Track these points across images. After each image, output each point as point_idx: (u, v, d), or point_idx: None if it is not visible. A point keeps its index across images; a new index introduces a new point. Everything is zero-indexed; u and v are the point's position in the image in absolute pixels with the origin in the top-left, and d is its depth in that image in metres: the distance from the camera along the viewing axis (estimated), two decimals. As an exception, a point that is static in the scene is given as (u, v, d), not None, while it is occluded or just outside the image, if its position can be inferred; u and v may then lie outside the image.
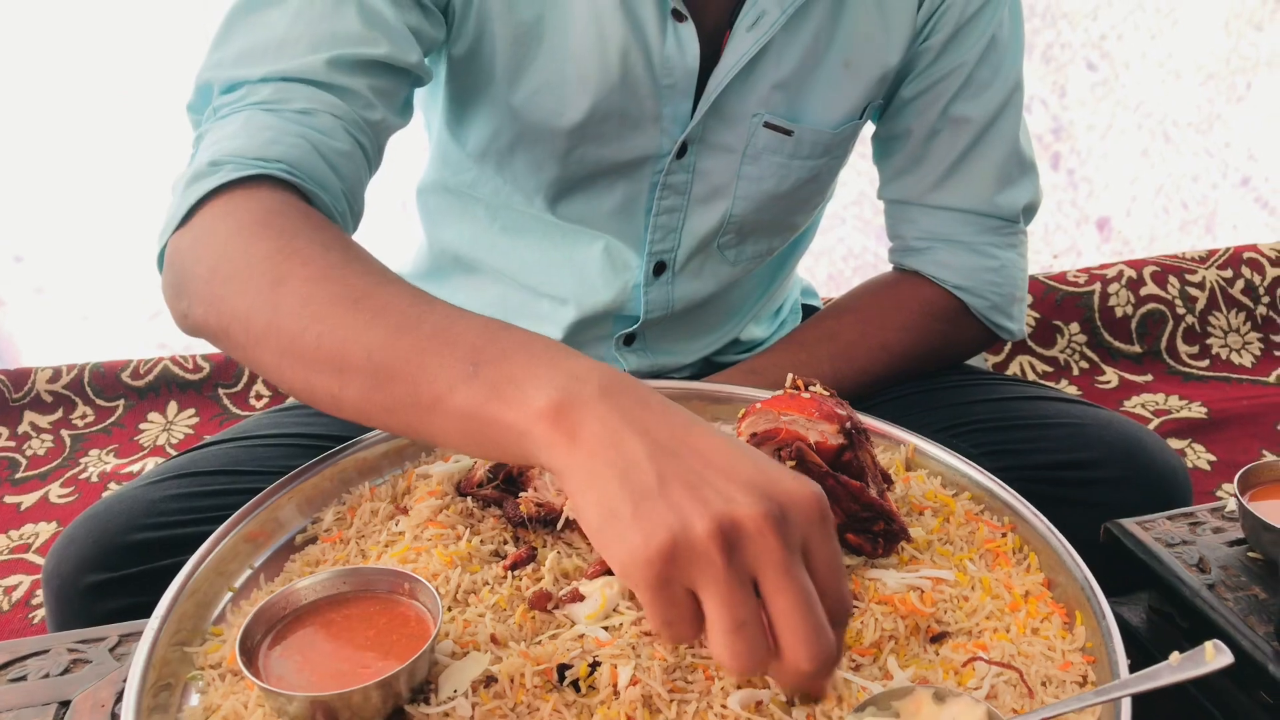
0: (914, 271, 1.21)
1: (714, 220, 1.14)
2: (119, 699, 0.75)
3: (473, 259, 1.22)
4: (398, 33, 0.92)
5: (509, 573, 0.82)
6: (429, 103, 1.16)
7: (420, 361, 0.67)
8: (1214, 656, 0.67)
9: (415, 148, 1.31)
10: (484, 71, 1.05)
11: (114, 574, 0.94)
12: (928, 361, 1.21)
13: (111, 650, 0.83)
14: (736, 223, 1.15)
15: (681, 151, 1.09)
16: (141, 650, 0.74)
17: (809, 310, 1.43)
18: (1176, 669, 0.67)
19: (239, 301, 0.76)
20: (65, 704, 0.78)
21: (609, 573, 0.81)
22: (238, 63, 0.88)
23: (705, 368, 1.29)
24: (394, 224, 1.30)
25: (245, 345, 0.77)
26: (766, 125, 1.09)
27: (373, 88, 0.90)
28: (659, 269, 1.17)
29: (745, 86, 1.07)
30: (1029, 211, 1.22)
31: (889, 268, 1.27)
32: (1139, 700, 0.67)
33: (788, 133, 1.10)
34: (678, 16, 1.02)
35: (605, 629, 0.76)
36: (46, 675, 0.81)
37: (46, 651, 0.83)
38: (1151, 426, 2.01)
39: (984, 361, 2.19)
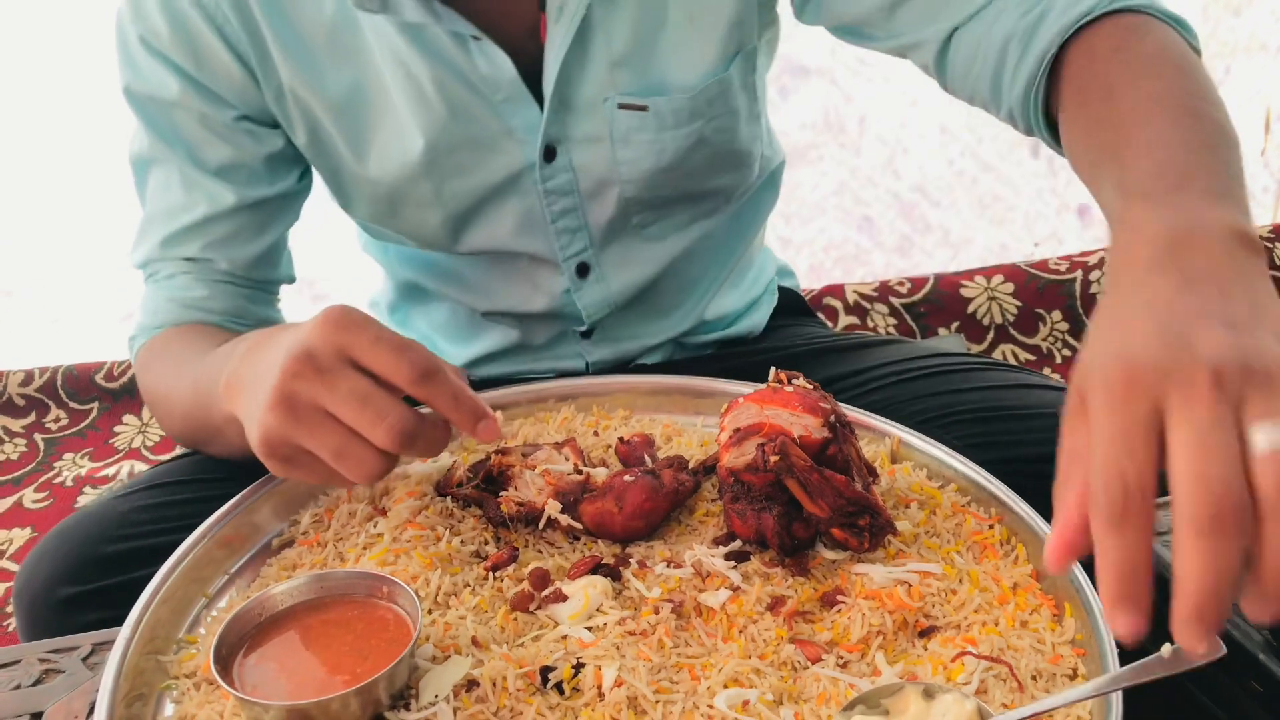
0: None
1: (612, 208, 1.12)
2: (93, 710, 0.73)
3: (422, 285, 1.26)
4: (212, 186, 1.06)
5: (490, 574, 0.81)
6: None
7: (200, 405, 0.93)
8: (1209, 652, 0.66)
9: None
10: (334, 152, 1.07)
11: (86, 587, 0.93)
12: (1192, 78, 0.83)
13: (85, 660, 0.81)
14: (638, 203, 1.12)
15: (551, 155, 1.07)
16: (112, 660, 0.72)
17: (784, 292, 1.40)
18: (1169, 662, 0.66)
19: (162, 422, 1.08)
20: (38, 716, 0.76)
21: (593, 572, 0.80)
22: (132, 249, 1.12)
23: (675, 349, 1.27)
24: (359, 258, 1.33)
25: (184, 444, 1.08)
26: (621, 106, 1.06)
27: (207, 244, 1.08)
28: (582, 270, 1.16)
29: (581, 74, 1.04)
30: None
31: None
32: (1127, 691, 0.66)
33: (643, 108, 1.07)
34: (474, 37, 1.00)
35: (589, 629, 0.74)
36: (18, 686, 0.79)
37: (17, 662, 0.82)
38: (1134, 413, 2.00)
39: (965, 349, 2.18)
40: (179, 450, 1.12)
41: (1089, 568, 0.76)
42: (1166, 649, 0.66)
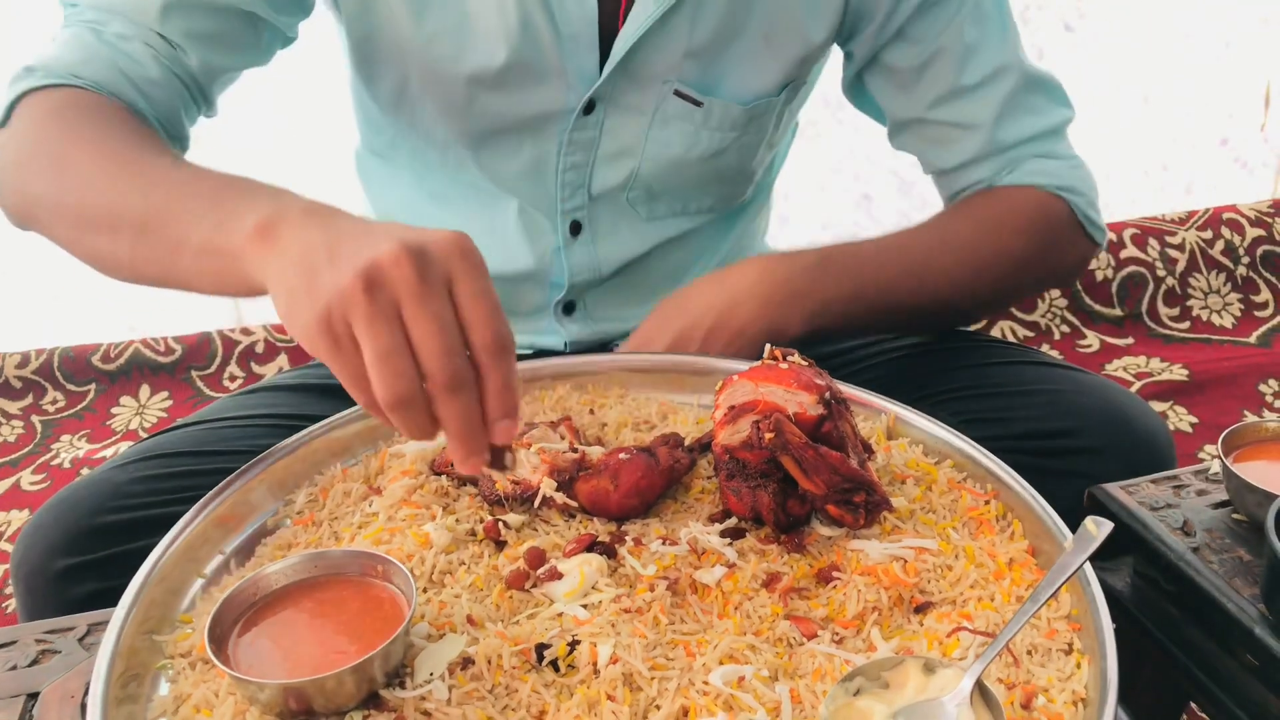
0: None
1: (620, 177, 1.13)
2: (88, 690, 0.73)
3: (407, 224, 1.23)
4: None
5: (491, 542, 0.81)
6: (344, 56, 1.14)
7: (170, 210, 0.78)
8: (1097, 531, 0.71)
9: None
10: (381, 16, 1.03)
11: (84, 558, 0.92)
12: (1035, 272, 1.18)
13: (80, 640, 0.81)
14: (644, 182, 1.14)
15: (589, 109, 1.07)
16: (108, 640, 0.72)
17: None
18: (1077, 551, 0.70)
19: (34, 185, 0.89)
20: (34, 696, 0.76)
21: (588, 550, 0.79)
22: None
23: None
24: (349, 190, 1.30)
25: (47, 224, 0.89)
26: (677, 93, 1.07)
27: (189, 32, 0.96)
28: (575, 229, 1.16)
29: (656, 50, 1.04)
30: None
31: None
32: (1123, 666, 0.66)
33: (698, 103, 1.08)
34: None
35: (584, 607, 0.74)
36: (14, 667, 0.79)
37: (14, 643, 0.81)
38: (1133, 390, 2.01)
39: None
40: (177, 422, 1.09)
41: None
42: (1069, 543, 0.74)
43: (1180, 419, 1.94)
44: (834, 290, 0.94)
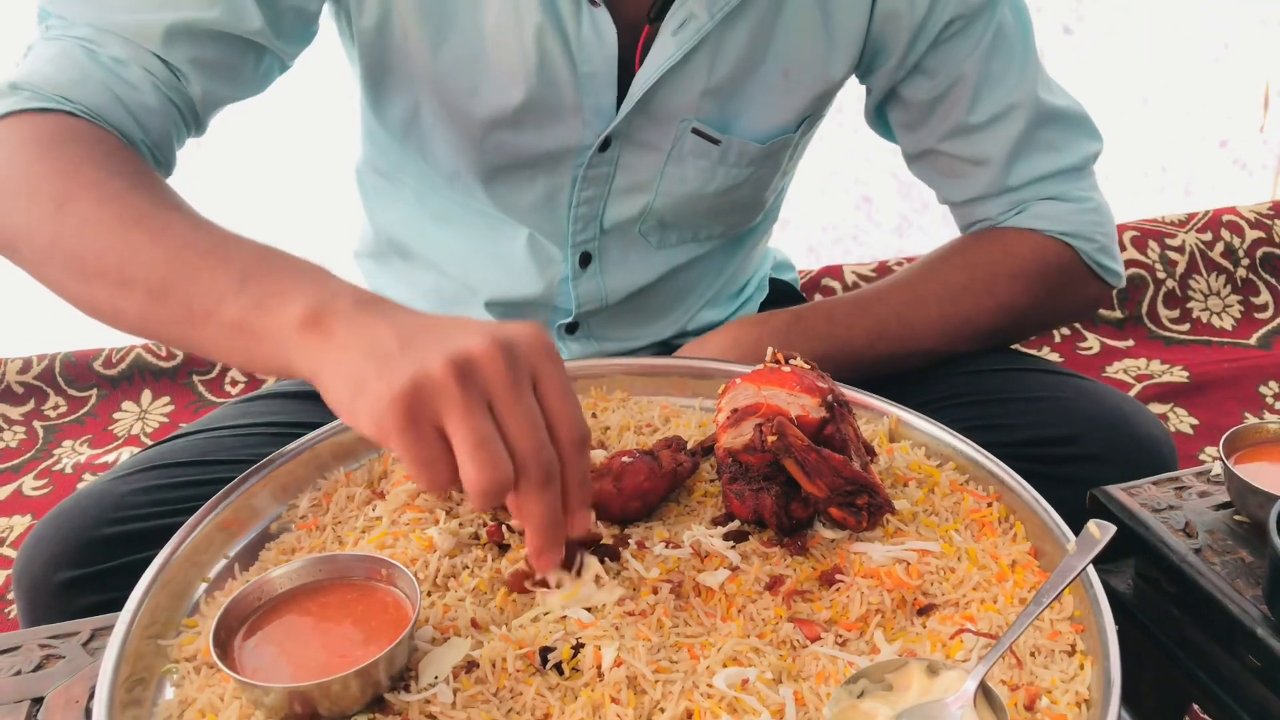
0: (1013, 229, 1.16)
1: (633, 211, 1.12)
2: (93, 695, 0.73)
3: (406, 245, 1.22)
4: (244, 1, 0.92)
5: (493, 547, 0.81)
6: (353, 79, 1.14)
7: (195, 277, 0.74)
8: (1100, 534, 0.73)
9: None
10: (396, 47, 1.02)
11: (86, 570, 0.92)
12: (1035, 317, 1.18)
13: (85, 645, 0.81)
14: (656, 215, 1.13)
15: (605, 145, 1.06)
16: (113, 645, 0.72)
17: (778, 285, 1.40)
18: (1081, 554, 0.72)
19: (22, 219, 0.82)
20: (38, 701, 0.76)
21: (591, 553, 0.79)
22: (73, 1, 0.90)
23: (663, 349, 1.27)
24: (350, 201, 1.29)
25: (32, 262, 0.84)
26: (694, 131, 1.07)
27: (194, 60, 0.92)
28: (585, 260, 1.15)
29: (674, 89, 1.04)
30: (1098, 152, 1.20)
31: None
32: (1126, 667, 0.66)
33: (715, 141, 1.08)
34: (592, 2, 0.99)
35: (588, 610, 0.74)
36: (18, 672, 0.79)
37: (18, 648, 0.81)
38: (1133, 392, 2.01)
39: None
40: (178, 430, 1.09)
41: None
42: (1072, 546, 0.74)
43: (1181, 421, 1.94)
44: (806, 351, 0.92)
